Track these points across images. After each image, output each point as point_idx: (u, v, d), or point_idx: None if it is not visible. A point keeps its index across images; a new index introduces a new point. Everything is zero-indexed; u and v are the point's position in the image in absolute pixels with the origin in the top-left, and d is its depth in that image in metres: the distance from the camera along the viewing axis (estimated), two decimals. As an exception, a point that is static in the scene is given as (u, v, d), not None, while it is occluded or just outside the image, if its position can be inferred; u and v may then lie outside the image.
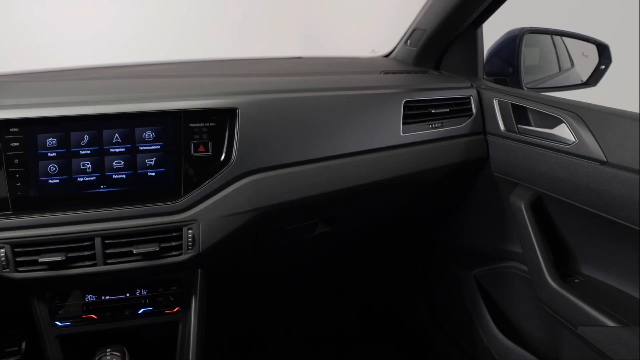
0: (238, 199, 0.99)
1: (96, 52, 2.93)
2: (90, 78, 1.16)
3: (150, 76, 1.17)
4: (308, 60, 1.63)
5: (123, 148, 0.97)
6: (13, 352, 1.38)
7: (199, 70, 1.31)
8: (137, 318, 1.02)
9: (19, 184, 0.95)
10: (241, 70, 1.35)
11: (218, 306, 1.11)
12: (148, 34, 3.06)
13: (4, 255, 0.91)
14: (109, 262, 0.94)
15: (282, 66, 1.48)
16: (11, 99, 0.98)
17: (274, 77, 1.21)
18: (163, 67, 1.39)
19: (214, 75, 1.18)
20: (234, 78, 1.14)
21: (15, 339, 1.39)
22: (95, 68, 1.34)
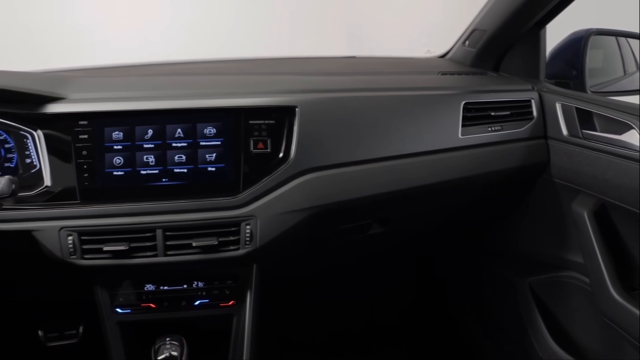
0: (295, 196, 0.99)
1: (150, 49, 3.01)
2: (153, 74, 1.20)
3: (210, 73, 1.19)
4: (362, 59, 1.63)
5: (185, 143, 0.99)
6: (71, 335, 1.45)
7: (256, 68, 1.33)
8: (193, 309, 1.04)
9: (86, 175, 0.98)
10: (297, 68, 1.36)
11: (268, 303, 1.11)
12: (199, 32, 3.12)
13: (71, 243, 0.95)
14: (169, 254, 0.97)
15: (337, 65, 1.48)
16: (80, 93, 1.01)
17: (331, 76, 1.22)
18: (221, 64, 1.42)
19: (273, 73, 1.19)
20: (292, 76, 1.15)
21: (73, 324, 1.46)
22: (157, 65, 1.39)
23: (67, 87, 1.02)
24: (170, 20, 2.94)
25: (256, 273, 1.05)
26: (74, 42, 2.79)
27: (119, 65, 1.38)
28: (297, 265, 1.27)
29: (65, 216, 0.97)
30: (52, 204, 0.98)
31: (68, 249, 0.95)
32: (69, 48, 2.71)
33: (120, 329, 1.03)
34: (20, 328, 1.47)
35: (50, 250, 0.96)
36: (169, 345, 0.94)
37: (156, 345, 0.95)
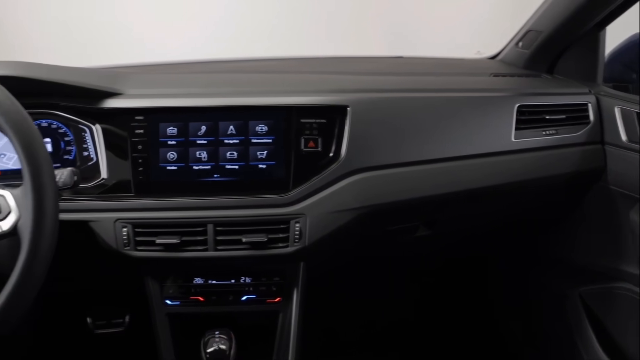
0: (345, 196, 0.99)
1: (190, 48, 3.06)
2: (204, 71, 1.22)
3: (260, 71, 1.20)
4: (409, 60, 1.61)
5: (237, 140, 1.01)
6: (118, 323, 1.49)
7: (305, 67, 1.33)
8: (240, 304, 1.05)
9: (141, 169, 1.01)
10: (346, 67, 1.36)
11: (314, 300, 1.12)
12: (236, 32, 3.14)
13: (126, 234, 0.98)
14: (219, 249, 0.98)
15: (385, 65, 1.47)
16: (137, 89, 1.04)
17: (381, 75, 1.21)
18: (269, 62, 1.44)
19: (323, 72, 1.19)
20: (343, 76, 1.15)
21: (120, 313, 1.50)
22: (206, 62, 1.41)
23: (124, 83, 1.05)
24: (209, 19, 2.98)
25: (303, 271, 1.05)
26: (113, 41, 2.86)
27: (170, 62, 1.41)
28: (344, 265, 1.27)
29: (120, 208, 1.00)
30: (108, 196, 1.01)
31: (122, 240, 0.98)
32: (108, 46, 2.78)
33: (169, 320, 1.05)
34: (70, 315, 1.52)
35: (106, 241, 0.98)
36: (217, 338, 0.95)
37: (205, 337, 0.97)
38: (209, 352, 0.93)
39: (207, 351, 0.94)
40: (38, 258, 0.72)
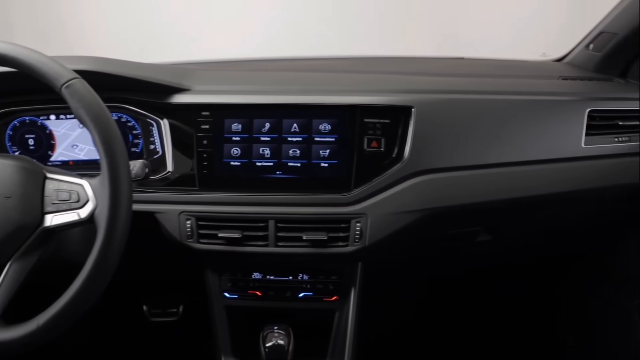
0: (408, 197, 0.98)
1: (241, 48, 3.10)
2: (269, 69, 1.23)
3: (325, 70, 1.20)
4: (471, 61, 1.58)
5: (300, 138, 1.01)
6: (172, 313, 1.53)
7: (367, 67, 1.33)
8: (296, 301, 1.06)
9: (205, 164, 1.03)
10: (407, 68, 1.34)
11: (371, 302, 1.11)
12: (283, 32, 3.16)
13: (189, 227, 1.00)
14: (279, 245, 0.99)
15: (446, 66, 1.45)
16: (204, 85, 1.06)
17: (445, 76, 1.19)
18: (330, 61, 1.44)
19: (386, 72, 1.18)
20: (407, 76, 1.14)
21: (175, 303, 1.54)
22: (271, 60, 1.43)
23: (192, 79, 1.07)
24: (260, 20, 3.02)
25: (360, 271, 1.05)
26: (169, 40, 2.93)
27: (234, 59, 1.43)
28: (399, 267, 1.26)
29: (184, 201, 1.02)
30: (173, 189, 1.04)
31: (186, 232, 1.00)
32: (165, 45, 2.85)
33: (226, 312, 1.07)
34: (127, 302, 1.58)
35: (170, 232, 1.01)
36: (276, 334, 0.96)
37: (264, 332, 0.98)
38: (267, 347, 0.94)
39: (266, 345, 0.95)
40: (113, 246, 0.75)
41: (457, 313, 1.71)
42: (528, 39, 2.59)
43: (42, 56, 0.78)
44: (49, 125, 1.11)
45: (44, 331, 0.75)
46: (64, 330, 0.77)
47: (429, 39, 3.32)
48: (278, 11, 3.04)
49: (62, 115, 1.11)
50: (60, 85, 0.76)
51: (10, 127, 1.11)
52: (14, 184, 0.78)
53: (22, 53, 0.77)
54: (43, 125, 1.11)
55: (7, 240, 0.77)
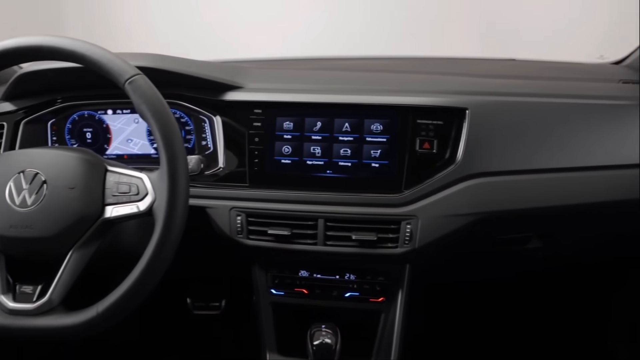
0: (460, 200, 0.97)
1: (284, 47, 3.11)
2: (321, 68, 1.23)
3: (375, 70, 1.20)
4: (523, 62, 1.54)
5: (351, 137, 1.01)
6: (215, 307, 1.56)
7: (416, 67, 1.31)
8: (342, 300, 1.06)
9: (256, 161, 1.04)
10: (459, 69, 1.32)
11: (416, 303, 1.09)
12: (325, 32, 3.16)
13: (239, 223, 1.02)
14: (328, 244, 0.99)
15: (498, 67, 1.42)
16: (256, 83, 1.08)
17: (498, 78, 1.16)
18: (379, 61, 1.43)
19: (438, 72, 1.17)
20: (461, 77, 1.12)
21: (218, 297, 1.57)
22: (320, 59, 1.43)
23: (244, 76, 1.09)
24: (296, 19, 3.03)
25: (408, 273, 1.04)
26: (207, 39, 2.97)
27: (283, 58, 1.44)
28: (447, 271, 1.24)
29: (235, 197, 1.04)
30: (224, 184, 1.06)
31: (236, 228, 1.02)
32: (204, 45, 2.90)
33: (272, 308, 1.08)
34: (172, 295, 1.61)
35: (220, 227, 1.03)
36: (324, 332, 0.96)
37: (312, 330, 0.98)
38: (315, 345, 0.95)
39: (313, 344, 0.95)
40: (170, 238, 0.77)
41: (503, 316, 1.67)
42: (579, 40, 2.51)
43: (108, 53, 0.80)
44: (106, 119, 1.15)
45: (102, 319, 0.77)
46: (121, 319, 0.79)
47: (473, 38, 3.26)
48: (319, 11, 3.05)
49: (119, 110, 1.14)
50: (123, 81, 0.78)
51: (70, 120, 1.15)
52: (77, 175, 0.81)
53: (89, 50, 0.79)
54: (100, 119, 1.14)
55: (70, 230, 0.79)
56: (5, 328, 0.79)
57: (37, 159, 0.83)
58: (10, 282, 0.82)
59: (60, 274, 0.79)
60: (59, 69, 1.01)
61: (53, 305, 0.79)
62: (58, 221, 0.79)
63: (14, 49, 0.81)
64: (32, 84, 1.09)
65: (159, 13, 2.98)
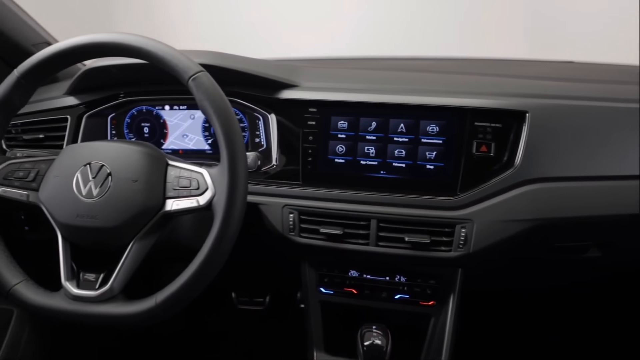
0: (517, 205, 0.95)
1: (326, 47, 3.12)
2: (367, 68, 1.23)
3: (430, 71, 1.18)
4: (582, 65, 1.49)
5: (406, 138, 1.00)
6: (259, 302, 1.58)
7: (473, 68, 1.29)
8: (392, 302, 1.05)
9: (310, 159, 1.04)
10: (516, 70, 1.29)
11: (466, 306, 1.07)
12: (368, 32, 3.15)
13: (292, 220, 1.02)
14: (380, 244, 0.99)
15: (556, 70, 1.38)
16: (311, 82, 1.08)
17: (557, 81, 1.13)
18: (433, 62, 1.41)
19: (496, 74, 1.14)
20: (520, 79, 1.09)
21: (262, 292, 1.58)
22: (368, 59, 1.42)
23: (300, 75, 1.09)
24: (342, 19, 3.03)
25: (460, 277, 1.02)
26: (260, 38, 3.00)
27: (334, 57, 1.45)
28: (498, 277, 1.21)
29: (287, 195, 1.05)
30: (276, 182, 1.06)
31: (288, 225, 1.02)
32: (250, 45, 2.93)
33: (321, 307, 1.08)
34: (217, 288, 1.64)
35: (273, 224, 1.04)
36: (375, 333, 0.96)
37: (362, 330, 0.98)
38: (366, 345, 0.94)
39: (364, 344, 0.94)
40: (228, 233, 0.78)
41: (555, 324, 1.62)
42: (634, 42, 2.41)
43: (173, 50, 0.82)
44: (163, 115, 1.17)
45: (161, 309, 0.79)
46: (179, 310, 0.81)
47: (519, 39, 3.18)
48: (361, 11, 3.04)
49: (176, 106, 1.17)
50: (187, 78, 0.80)
51: (129, 115, 1.19)
52: (140, 169, 0.83)
53: (155, 47, 0.81)
54: (158, 114, 1.17)
55: (132, 222, 0.82)
56: (69, 313, 0.82)
57: (103, 152, 0.86)
58: (75, 269, 0.85)
59: (121, 263, 0.82)
60: (122, 65, 1.05)
61: (114, 294, 0.81)
62: (121, 212, 0.81)
63: (83, 45, 0.84)
64: (96, 80, 1.13)
65: (204, 12, 3.05)
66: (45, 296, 0.83)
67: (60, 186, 0.84)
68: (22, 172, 0.88)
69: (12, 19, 1.18)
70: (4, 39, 1.18)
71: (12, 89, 0.87)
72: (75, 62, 0.89)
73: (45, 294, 0.84)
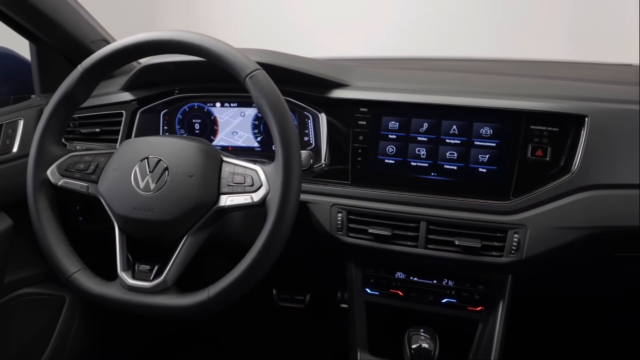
0: (574, 212, 0.92)
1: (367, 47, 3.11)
2: (427, 69, 1.21)
3: (481, 72, 1.16)
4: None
5: (459, 140, 0.99)
6: (299, 300, 1.58)
7: (526, 70, 1.26)
8: (438, 306, 1.04)
9: (359, 159, 1.04)
10: (571, 73, 1.25)
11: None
12: (409, 30, 3.11)
13: (340, 220, 1.02)
14: (429, 247, 0.98)
15: (614, 73, 1.33)
16: (363, 82, 1.07)
17: (618, 85, 1.09)
18: (483, 63, 1.39)
19: (553, 77, 1.11)
20: (579, 82, 1.06)
21: (303, 291, 1.59)
22: (419, 59, 1.41)
23: (351, 74, 1.09)
24: (379, 19, 3.01)
25: (510, 283, 1.00)
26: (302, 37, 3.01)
27: (383, 57, 1.44)
28: (548, 283, 1.18)
29: (336, 194, 1.05)
30: (325, 181, 1.07)
31: (336, 225, 1.03)
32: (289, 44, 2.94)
33: (366, 307, 1.08)
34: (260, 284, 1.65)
35: (321, 223, 1.04)
36: (422, 337, 0.95)
37: (409, 333, 0.97)
38: (413, 348, 0.93)
39: (411, 347, 0.94)
40: (281, 230, 0.78)
41: (605, 332, 1.57)
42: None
43: (231, 48, 0.83)
44: (214, 111, 1.19)
45: (213, 302, 0.80)
46: (230, 305, 0.82)
47: (564, 40, 3.09)
48: (399, 12, 3.02)
49: (227, 104, 1.19)
50: (245, 76, 0.81)
51: (181, 111, 1.21)
52: (196, 164, 0.85)
53: (214, 44, 0.83)
54: (209, 111, 1.19)
55: (187, 216, 0.83)
56: (124, 303, 0.84)
57: (160, 147, 0.88)
58: (130, 260, 0.87)
59: (175, 256, 0.83)
60: (178, 63, 1.07)
61: (167, 286, 0.83)
62: (177, 206, 0.83)
63: (146, 42, 0.86)
64: (151, 76, 1.16)
65: (246, 13, 3.09)
66: (101, 285, 0.86)
67: (118, 179, 0.87)
68: (83, 165, 0.91)
69: (74, 15, 1.22)
70: (66, 35, 1.22)
71: (76, 84, 0.90)
72: (137, 59, 0.92)
73: (101, 283, 0.86)
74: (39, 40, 1.24)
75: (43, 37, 1.22)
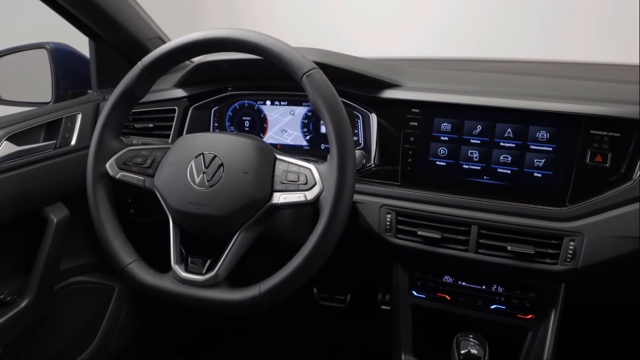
0: (634, 221, 0.88)
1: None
2: (480, 70, 1.19)
3: (535, 74, 1.13)
4: None
5: (513, 144, 0.97)
6: (340, 299, 1.58)
7: (578, 73, 1.21)
8: (487, 312, 1.02)
9: (410, 160, 1.03)
10: (630, 76, 1.21)
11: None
12: (456, 29, 3.06)
13: (389, 221, 1.02)
14: (480, 252, 0.96)
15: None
16: (414, 82, 1.06)
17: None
18: (534, 65, 1.35)
19: (610, 80, 1.07)
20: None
21: (344, 290, 1.59)
22: (467, 60, 1.38)
23: (402, 75, 1.08)
24: (418, 19, 2.98)
25: (564, 292, 0.97)
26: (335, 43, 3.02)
27: (437, 58, 1.42)
28: (602, 293, 1.14)
29: (385, 195, 1.04)
30: (375, 181, 1.06)
31: (385, 226, 1.02)
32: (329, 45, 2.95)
33: (412, 310, 1.07)
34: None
35: (369, 224, 1.04)
36: (472, 342, 0.93)
37: (458, 338, 0.95)
38: (462, 354, 0.92)
39: (460, 352, 0.92)
40: (334, 230, 0.78)
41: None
42: None
43: (288, 47, 0.84)
44: (264, 109, 1.21)
45: (264, 298, 0.81)
46: (280, 302, 0.83)
47: (607, 41, 2.97)
48: (438, 12, 2.98)
49: (277, 102, 1.20)
50: (301, 75, 0.81)
51: (231, 108, 1.23)
52: (251, 161, 0.86)
53: (272, 43, 0.83)
54: (259, 109, 1.21)
55: (240, 212, 0.84)
56: (177, 295, 0.85)
57: (215, 143, 0.89)
58: (184, 253, 0.89)
59: (227, 251, 0.84)
60: (233, 60, 1.08)
61: (219, 280, 0.84)
62: (231, 202, 0.84)
63: (204, 40, 0.88)
64: (205, 74, 1.18)
65: (285, 10, 3.11)
66: (155, 277, 0.88)
67: (175, 174, 0.88)
68: (140, 159, 0.93)
69: (132, 14, 1.25)
70: (125, 33, 1.25)
71: (136, 80, 0.92)
72: (195, 56, 0.93)
73: (155, 275, 0.88)
74: (98, 37, 1.28)
75: (103, 35, 1.26)
